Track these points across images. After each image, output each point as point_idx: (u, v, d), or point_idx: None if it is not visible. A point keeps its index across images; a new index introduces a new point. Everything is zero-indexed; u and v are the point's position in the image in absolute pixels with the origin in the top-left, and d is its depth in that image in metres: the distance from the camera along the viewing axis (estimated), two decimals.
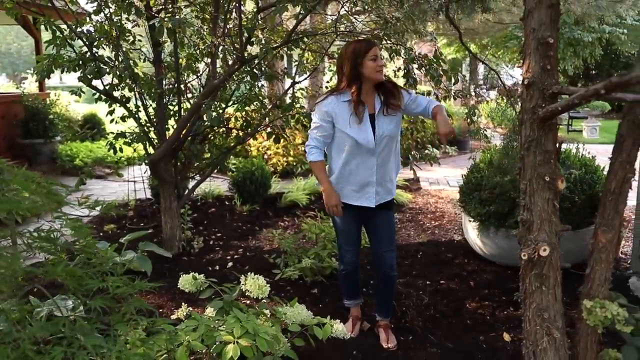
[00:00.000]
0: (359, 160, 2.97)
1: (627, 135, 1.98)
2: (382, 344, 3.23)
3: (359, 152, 2.95)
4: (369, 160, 2.97)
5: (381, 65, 2.89)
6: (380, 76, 2.90)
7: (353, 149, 2.95)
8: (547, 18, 1.97)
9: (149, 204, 6.07)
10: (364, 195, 3.03)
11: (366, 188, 3.01)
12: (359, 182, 3.01)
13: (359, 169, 2.99)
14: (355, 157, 2.97)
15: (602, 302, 2.11)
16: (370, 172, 2.99)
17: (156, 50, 4.52)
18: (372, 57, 2.86)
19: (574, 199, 3.91)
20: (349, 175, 3.01)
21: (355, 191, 3.03)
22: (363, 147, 2.92)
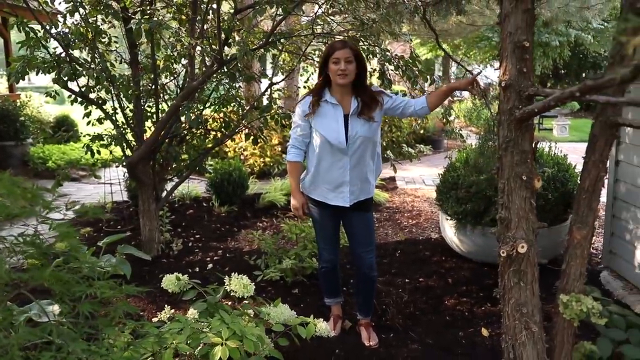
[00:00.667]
0: (331, 160, 3.00)
1: (599, 136, 2.05)
2: (364, 342, 3.27)
3: (332, 151, 2.98)
4: (342, 160, 2.99)
5: (342, 70, 2.86)
6: (340, 80, 2.89)
7: (326, 148, 2.98)
8: (522, 22, 2.03)
9: (125, 207, 6.02)
10: (339, 194, 3.05)
11: (340, 187, 3.04)
12: (332, 181, 3.03)
13: (332, 168, 3.01)
14: (328, 156, 3.00)
15: (578, 296, 2.18)
16: (344, 171, 3.00)
17: (133, 52, 4.49)
18: (334, 60, 2.87)
19: (548, 196, 4.01)
20: (323, 174, 3.04)
21: (330, 190, 3.06)
22: (335, 146, 2.95)
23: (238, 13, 4.31)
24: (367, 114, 2.96)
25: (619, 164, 4.02)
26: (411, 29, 9.32)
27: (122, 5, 4.09)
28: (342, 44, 2.92)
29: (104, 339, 1.81)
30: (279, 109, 5.14)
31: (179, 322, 2.46)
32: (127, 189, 6.16)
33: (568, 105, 14.41)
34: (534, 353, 2.25)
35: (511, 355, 2.31)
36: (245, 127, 4.96)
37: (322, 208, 3.14)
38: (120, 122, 4.67)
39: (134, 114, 4.62)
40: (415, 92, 4.71)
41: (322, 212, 3.16)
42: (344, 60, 2.86)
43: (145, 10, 3.87)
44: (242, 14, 4.59)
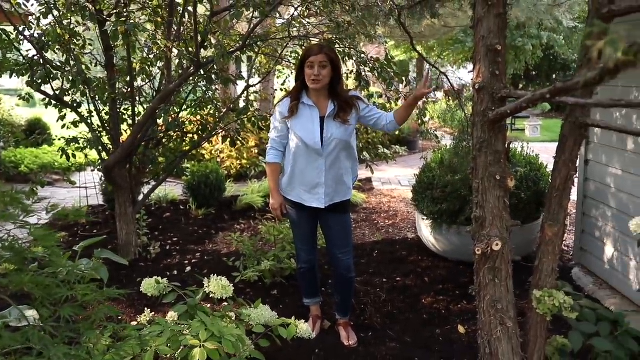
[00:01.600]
0: (307, 161, 3.03)
1: (569, 136, 2.12)
2: (343, 341, 3.31)
3: (308, 152, 3.01)
4: (317, 161, 3.02)
5: (317, 75, 2.89)
6: (312, 85, 2.92)
7: (302, 149, 3.01)
8: (495, 26, 2.09)
9: (102, 210, 5.96)
10: (314, 196, 3.07)
11: (316, 189, 3.06)
12: (308, 183, 3.06)
13: (308, 170, 3.04)
14: (303, 157, 3.03)
15: (550, 292, 2.24)
16: (319, 173, 3.03)
17: (108, 54, 4.46)
18: (308, 64, 2.90)
19: (521, 195, 4.10)
20: (299, 175, 3.07)
21: (306, 191, 3.09)
22: (310, 147, 2.98)
23: (214, 16, 4.32)
24: (342, 117, 2.99)
25: (589, 163, 4.13)
26: (386, 31, 9.42)
27: (98, 7, 4.07)
28: (319, 48, 2.93)
29: (85, 342, 1.81)
30: (256, 112, 5.16)
31: (159, 324, 2.46)
32: (103, 192, 6.11)
33: (539, 106, 14.69)
34: (509, 348, 2.32)
35: (487, 350, 2.37)
36: (222, 130, 4.96)
37: (299, 209, 3.17)
38: (96, 125, 4.63)
39: (110, 117, 4.59)
40: (391, 93, 4.78)
41: (299, 213, 3.19)
42: (318, 65, 2.88)
43: (121, 13, 3.84)
44: (219, 17, 4.60)
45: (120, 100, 4.61)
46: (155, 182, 4.96)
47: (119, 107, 4.64)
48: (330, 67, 2.92)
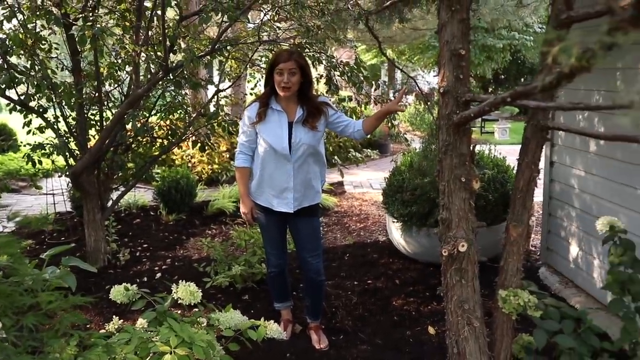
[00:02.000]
0: (275, 166, 3.04)
1: (531, 138, 2.17)
2: (314, 345, 3.32)
3: (276, 157, 3.01)
4: (286, 166, 3.03)
5: (286, 82, 2.89)
6: (283, 92, 2.92)
7: (270, 154, 3.02)
8: (458, 31, 2.13)
9: (69, 217, 5.86)
10: (283, 200, 3.08)
11: (284, 193, 3.07)
12: (277, 187, 3.07)
13: (276, 174, 3.05)
14: (272, 162, 3.04)
15: (515, 291, 2.29)
16: (287, 177, 3.04)
17: (75, 59, 4.40)
18: (278, 71, 2.91)
19: (488, 197, 4.17)
20: (268, 180, 3.07)
21: (274, 196, 3.09)
22: (279, 152, 2.99)
23: (183, 20, 4.30)
24: (311, 122, 3.01)
25: (554, 165, 4.22)
26: (356, 35, 9.49)
27: (64, 11, 4.01)
28: (288, 55, 2.93)
29: (50, 352, 1.78)
30: (226, 116, 5.14)
31: (127, 332, 2.43)
32: (71, 199, 6.01)
33: (508, 109, 14.96)
34: (476, 347, 2.35)
35: (455, 350, 2.41)
36: (192, 135, 4.93)
37: (268, 214, 3.17)
38: (63, 130, 4.56)
39: (77, 122, 4.52)
40: (361, 97, 4.82)
41: (269, 218, 3.19)
42: (287, 72, 2.89)
43: (88, 17, 3.79)
44: (188, 21, 4.58)
45: (88, 105, 4.55)
46: (125, 187, 4.90)
47: (87, 112, 4.58)
48: (299, 73, 2.93)
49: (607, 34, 1.00)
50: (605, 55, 1.05)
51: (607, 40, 0.99)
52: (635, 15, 0.95)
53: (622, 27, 0.98)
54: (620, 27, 0.98)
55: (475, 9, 3.54)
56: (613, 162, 3.45)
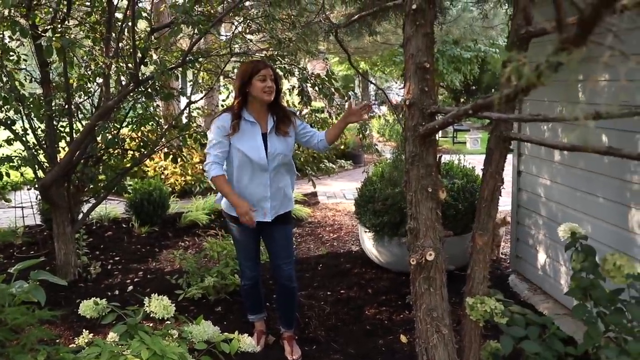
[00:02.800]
0: (252, 176, 3.06)
1: (494, 149, 2.23)
2: (287, 356, 3.33)
3: (252, 168, 3.03)
4: (262, 176, 3.06)
5: (270, 87, 2.97)
6: (267, 97, 2.99)
7: (246, 165, 3.03)
8: (423, 45, 2.19)
9: (39, 231, 5.77)
10: (260, 210, 3.10)
11: (261, 203, 3.09)
12: (254, 197, 3.08)
13: (253, 184, 3.07)
14: (248, 172, 3.05)
15: (482, 299, 2.34)
16: (264, 187, 3.08)
17: (44, 71, 4.36)
18: (260, 77, 2.96)
19: (458, 206, 4.24)
20: (244, 191, 3.08)
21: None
22: (255, 163, 3.02)
23: (154, 32, 4.30)
24: (282, 129, 3.08)
25: (521, 174, 4.32)
26: (329, 47, 9.58)
27: (32, 22, 3.98)
28: (264, 63, 3.05)
29: None
30: (198, 128, 5.14)
31: (98, 346, 2.41)
32: (40, 212, 5.92)
33: (479, 120, 15.19)
34: (445, 354, 2.39)
35: (425, 358, 2.44)
36: (164, 146, 4.92)
37: (243, 225, 3.17)
38: (32, 142, 4.50)
39: (46, 135, 4.47)
40: (332, 108, 4.86)
41: (243, 229, 3.19)
42: (269, 78, 2.98)
43: (56, 28, 3.77)
44: (159, 33, 4.58)
45: (58, 118, 4.51)
46: (95, 200, 4.85)
47: (56, 124, 4.53)
48: (274, 81, 3.03)
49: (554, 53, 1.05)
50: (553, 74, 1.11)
51: (553, 60, 1.04)
52: (579, 34, 1.00)
53: (566, 48, 1.03)
54: (565, 47, 1.03)
55: (442, 22, 3.62)
56: (576, 171, 3.55)
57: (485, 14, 4.16)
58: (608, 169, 3.23)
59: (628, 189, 3.07)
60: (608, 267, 2.10)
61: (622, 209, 3.13)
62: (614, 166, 3.17)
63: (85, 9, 4.48)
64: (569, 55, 0.96)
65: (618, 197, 3.16)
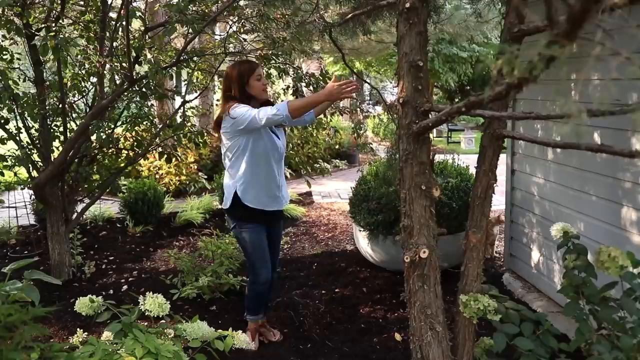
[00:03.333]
0: (268, 167, 3.14)
1: (488, 147, 2.25)
2: (270, 339, 3.50)
3: (269, 158, 3.12)
4: (277, 166, 3.19)
5: (265, 84, 3.12)
6: (265, 95, 3.14)
7: (266, 156, 3.10)
8: (416, 43, 2.20)
9: (33, 230, 5.75)
10: (276, 200, 3.23)
11: (276, 192, 3.22)
12: (271, 187, 3.18)
13: (271, 175, 3.17)
14: (266, 163, 3.13)
15: (476, 296, 2.35)
16: (278, 176, 3.22)
17: (38, 69, 4.35)
18: (257, 77, 3.06)
19: (452, 205, 4.25)
20: (263, 181, 3.14)
21: (269, 197, 3.19)
22: (277, 153, 3.15)
23: (149, 31, 4.30)
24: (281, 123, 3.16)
25: (515, 173, 4.34)
26: (324, 47, 9.58)
27: (26, 21, 3.97)
28: (257, 62, 3.19)
29: None
30: (193, 127, 5.13)
31: (92, 344, 2.41)
32: (34, 211, 5.90)
33: (473, 119, 15.25)
34: (439, 351, 2.41)
35: (419, 355, 2.46)
36: (159, 146, 4.91)
37: (257, 223, 3.20)
38: (25, 142, 4.49)
39: (40, 134, 4.46)
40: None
41: (258, 229, 3.22)
42: (263, 77, 3.13)
43: (50, 27, 3.76)
44: (153, 32, 4.57)
45: (52, 117, 4.50)
46: (90, 199, 4.84)
47: (50, 124, 4.52)
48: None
49: (546, 47, 1.06)
50: (545, 68, 1.12)
51: (546, 54, 1.05)
52: (569, 30, 1.01)
53: (559, 41, 1.04)
54: (557, 40, 1.04)
55: (436, 21, 3.64)
56: (569, 170, 3.57)
57: (479, 12, 4.18)
58: (601, 167, 3.25)
59: (620, 187, 3.09)
60: (603, 258, 2.12)
61: (614, 207, 3.15)
62: (606, 164, 3.19)
63: (80, 8, 4.47)
64: (560, 49, 0.97)
65: (610, 195, 3.18)
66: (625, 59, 0.98)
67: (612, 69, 2.64)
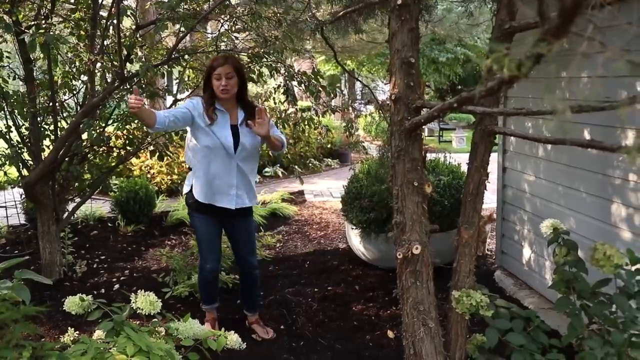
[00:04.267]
0: (221, 164, 3.15)
1: (479, 143, 2.26)
2: (263, 336, 3.50)
3: (222, 155, 3.12)
4: (231, 164, 3.16)
5: (225, 85, 3.04)
6: (222, 95, 3.07)
7: (216, 152, 3.11)
8: (408, 40, 2.21)
9: (23, 230, 5.71)
10: (226, 197, 3.20)
11: (228, 190, 3.19)
12: (221, 184, 3.18)
13: (221, 172, 3.16)
14: (217, 160, 3.14)
15: (468, 292, 2.36)
16: (231, 175, 3.18)
17: (27, 68, 4.32)
18: (216, 75, 3.05)
19: (444, 203, 4.26)
20: (213, 177, 3.17)
21: (217, 193, 3.20)
22: (225, 151, 3.11)
23: (140, 29, 4.28)
24: (250, 126, 3.16)
25: (506, 171, 4.36)
26: (316, 46, 9.59)
27: (15, 18, 3.94)
28: (224, 59, 3.09)
29: None
30: None
31: (84, 343, 2.40)
32: (25, 211, 5.86)
33: (464, 118, 15.30)
34: (431, 347, 2.42)
35: (411, 351, 2.46)
36: (150, 144, 4.89)
37: (209, 216, 3.27)
38: (16, 140, 4.46)
39: (31, 132, 4.43)
40: (319, 106, 4.87)
41: (209, 221, 3.30)
42: (224, 77, 3.04)
43: (40, 24, 3.73)
44: (145, 30, 4.55)
45: (42, 115, 4.47)
46: (81, 199, 4.82)
47: (41, 122, 4.49)
48: (236, 77, 3.10)
49: (535, 45, 1.07)
50: (534, 66, 1.13)
51: (533, 51, 1.06)
52: (560, 25, 1.01)
53: (547, 39, 1.05)
54: (545, 38, 1.05)
55: (428, 20, 3.65)
56: (560, 167, 3.59)
57: (470, 11, 4.20)
58: (590, 164, 3.27)
59: (610, 184, 3.11)
60: (598, 256, 2.13)
61: (604, 203, 3.17)
62: (596, 161, 3.21)
63: (70, 5, 4.44)
64: (547, 46, 0.98)
65: (600, 192, 3.21)
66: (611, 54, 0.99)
67: (599, 66, 2.66)
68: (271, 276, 4.59)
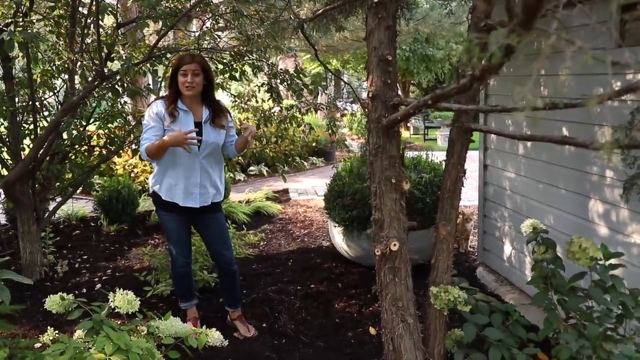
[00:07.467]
0: (184, 163, 3.15)
1: (456, 140, 2.28)
2: (245, 334, 3.50)
3: (184, 154, 3.10)
4: (194, 163, 3.16)
5: (190, 82, 3.04)
6: (187, 92, 3.08)
7: (179, 152, 3.09)
8: (385, 38, 2.22)
9: (3, 230, 5.65)
10: (190, 196, 3.20)
11: (192, 189, 3.19)
12: (185, 183, 3.18)
13: (184, 171, 3.16)
14: (180, 159, 3.14)
15: (446, 287, 2.38)
16: (195, 174, 3.18)
17: (6, 66, 4.27)
18: (182, 72, 3.06)
19: (426, 200, 4.29)
20: (176, 177, 3.17)
21: (181, 192, 3.19)
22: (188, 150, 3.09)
23: (121, 27, 4.26)
24: (217, 122, 3.20)
25: (487, 168, 4.40)
26: (300, 44, 9.59)
27: None
28: (191, 57, 3.11)
29: None
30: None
31: (63, 343, 2.38)
32: (5, 211, 5.80)
33: (449, 116, 15.37)
34: (410, 343, 2.43)
35: (390, 347, 2.48)
36: (132, 143, 4.86)
37: (175, 214, 3.27)
38: None
39: (10, 131, 4.38)
40: (302, 104, 4.87)
41: (175, 218, 3.30)
42: (191, 73, 3.05)
43: (18, 22, 3.69)
44: (126, 28, 4.53)
45: (21, 114, 4.42)
46: (62, 198, 4.78)
47: (20, 121, 4.44)
48: (202, 75, 3.11)
49: (506, 36, 1.09)
50: (505, 57, 1.15)
51: (503, 42, 1.07)
52: (524, 20, 1.03)
53: (516, 31, 1.06)
54: (515, 30, 1.06)
55: (410, 17, 3.66)
56: (539, 164, 3.63)
57: (450, 9, 4.22)
58: (568, 161, 3.31)
59: (587, 180, 3.15)
60: (574, 249, 2.16)
61: (582, 199, 3.21)
62: (574, 158, 3.25)
63: (49, 3, 4.40)
64: (517, 38, 1.00)
65: (578, 189, 3.24)
66: (578, 49, 1.01)
67: (577, 65, 2.69)
68: (254, 274, 4.59)
